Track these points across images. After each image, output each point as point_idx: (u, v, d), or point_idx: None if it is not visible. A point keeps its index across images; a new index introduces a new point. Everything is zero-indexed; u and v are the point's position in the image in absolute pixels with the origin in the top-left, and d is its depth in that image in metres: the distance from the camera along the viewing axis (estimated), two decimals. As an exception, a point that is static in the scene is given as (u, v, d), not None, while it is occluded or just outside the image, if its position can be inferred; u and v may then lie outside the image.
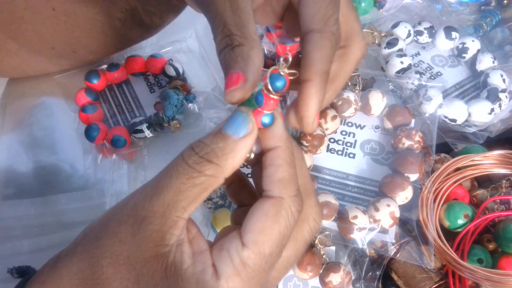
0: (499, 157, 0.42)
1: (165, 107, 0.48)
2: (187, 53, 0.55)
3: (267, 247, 0.23)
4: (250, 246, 0.22)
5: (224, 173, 0.23)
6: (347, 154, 0.43)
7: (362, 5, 0.54)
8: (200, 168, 0.22)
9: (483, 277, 0.36)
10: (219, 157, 0.23)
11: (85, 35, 0.44)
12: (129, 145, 0.49)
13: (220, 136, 0.23)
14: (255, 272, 0.23)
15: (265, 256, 0.23)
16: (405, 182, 0.38)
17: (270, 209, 0.23)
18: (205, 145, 0.23)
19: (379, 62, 0.51)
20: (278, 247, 0.23)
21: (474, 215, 0.39)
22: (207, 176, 0.22)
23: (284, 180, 0.23)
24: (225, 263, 0.22)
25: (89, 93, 0.50)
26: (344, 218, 0.37)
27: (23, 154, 0.50)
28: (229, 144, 0.23)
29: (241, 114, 0.23)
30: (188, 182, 0.22)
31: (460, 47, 0.50)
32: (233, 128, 0.23)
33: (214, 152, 0.23)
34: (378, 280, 0.39)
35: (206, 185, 0.23)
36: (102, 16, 0.42)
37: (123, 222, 0.23)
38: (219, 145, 0.23)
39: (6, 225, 0.44)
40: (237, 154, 0.23)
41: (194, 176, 0.22)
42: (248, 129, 0.23)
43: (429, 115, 0.44)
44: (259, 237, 0.23)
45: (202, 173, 0.22)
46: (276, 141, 0.24)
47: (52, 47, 0.45)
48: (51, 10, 0.41)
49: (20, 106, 0.53)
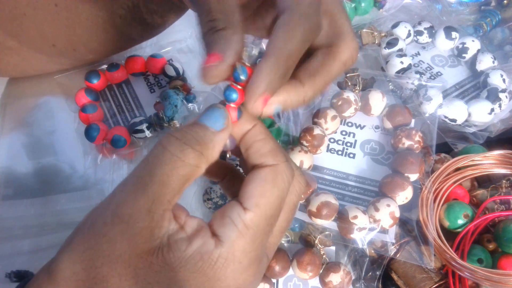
0: (499, 157, 0.42)
1: (165, 107, 0.48)
2: (187, 53, 0.55)
3: (268, 209, 0.24)
4: (252, 210, 0.23)
5: (206, 163, 0.23)
6: (347, 154, 0.43)
7: (362, 5, 0.54)
8: (184, 157, 0.22)
9: (483, 277, 0.36)
10: (201, 145, 0.23)
11: (86, 32, 0.44)
12: (129, 145, 0.49)
13: (199, 126, 0.24)
14: (258, 233, 0.23)
15: (267, 217, 0.24)
16: (405, 182, 0.38)
17: (267, 175, 0.24)
18: (186, 132, 0.23)
19: (379, 62, 0.51)
20: (277, 209, 0.24)
21: (474, 215, 0.39)
22: (190, 165, 0.23)
23: (274, 149, 0.25)
24: (229, 229, 0.23)
25: (89, 93, 0.50)
26: (344, 218, 0.37)
27: (23, 154, 0.50)
28: (208, 134, 0.23)
29: (218, 109, 0.24)
30: (172, 173, 0.22)
31: (460, 47, 0.50)
32: (212, 121, 0.24)
33: (195, 140, 0.23)
34: (378, 280, 0.39)
35: (189, 176, 0.23)
36: (103, 12, 0.42)
37: (109, 223, 0.23)
38: (200, 133, 0.23)
39: (6, 225, 0.44)
40: (215, 145, 0.24)
41: (178, 166, 0.22)
42: (225, 124, 0.24)
43: (429, 115, 0.44)
44: (260, 200, 0.23)
45: (185, 162, 0.22)
46: (252, 120, 0.25)
47: (52, 45, 0.45)
48: (54, 6, 0.41)
49: (20, 106, 0.53)
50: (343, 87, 0.45)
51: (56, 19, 0.42)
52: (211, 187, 0.44)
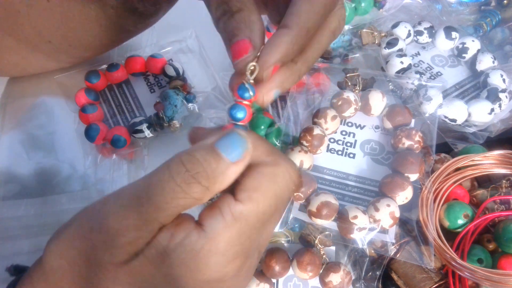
0: (499, 157, 0.41)
1: (165, 107, 0.48)
2: (187, 53, 0.55)
3: (262, 205, 0.22)
4: (243, 202, 0.22)
5: (210, 197, 0.22)
6: (347, 154, 0.43)
7: (362, 5, 0.54)
8: (188, 189, 0.21)
9: (483, 277, 0.36)
10: (209, 179, 0.21)
11: (80, 26, 0.44)
12: (129, 145, 0.49)
13: (214, 155, 0.21)
14: (247, 227, 0.22)
15: (258, 213, 0.22)
16: (405, 182, 0.38)
17: (266, 170, 0.23)
18: (197, 162, 0.21)
19: (379, 62, 0.51)
20: (272, 207, 0.23)
21: (474, 215, 0.39)
22: (193, 199, 0.21)
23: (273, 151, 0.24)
24: (215, 220, 0.22)
25: (89, 93, 0.50)
26: (344, 218, 0.37)
27: (23, 154, 0.50)
28: (221, 166, 0.21)
29: (240, 137, 0.22)
30: (172, 202, 0.21)
31: (460, 47, 0.50)
32: (229, 150, 0.22)
33: (205, 173, 0.21)
34: (378, 280, 0.39)
35: (188, 206, 0.22)
36: (95, 4, 0.42)
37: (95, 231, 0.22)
38: (212, 165, 0.21)
39: (6, 225, 0.44)
40: (225, 179, 0.22)
41: (179, 197, 0.21)
42: (242, 156, 0.22)
43: (429, 115, 0.44)
44: (254, 194, 0.22)
45: (188, 195, 0.21)
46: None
47: (48, 41, 0.45)
48: (46, 2, 0.41)
49: (20, 106, 0.53)
50: (343, 87, 0.45)
51: (50, 15, 0.42)
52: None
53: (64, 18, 0.43)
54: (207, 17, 0.28)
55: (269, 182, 0.22)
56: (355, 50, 0.53)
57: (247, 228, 0.22)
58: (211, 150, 0.22)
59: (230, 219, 0.22)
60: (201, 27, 0.56)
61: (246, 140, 0.22)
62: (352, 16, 0.55)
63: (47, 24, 0.44)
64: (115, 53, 0.54)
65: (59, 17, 0.43)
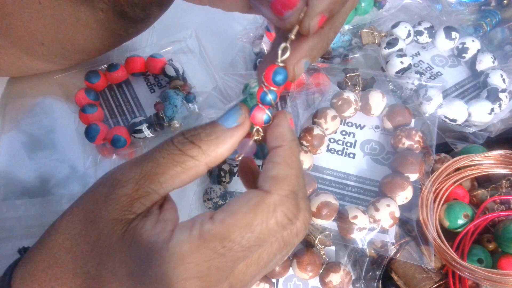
0: (499, 157, 0.42)
1: (165, 107, 0.48)
2: (187, 53, 0.55)
3: (232, 232, 0.21)
4: (215, 223, 0.21)
5: (206, 158, 0.23)
6: (347, 154, 0.43)
7: (362, 5, 0.54)
8: (182, 147, 0.23)
9: (483, 277, 0.36)
10: (202, 140, 0.23)
11: (71, 29, 0.44)
12: (129, 145, 0.49)
13: (210, 124, 0.24)
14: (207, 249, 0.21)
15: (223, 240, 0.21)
16: (405, 182, 0.38)
17: (252, 198, 0.22)
18: (194, 129, 0.24)
19: (379, 62, 0.51)
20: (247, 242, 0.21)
21: (474, 215, 0.39)
22: (188, 156, 0.23)
23: (278, 177, 0.22)
24: (182, 230, 0.22)
25: (89, 93, 0.50)
26: (344, 218, 0.37)
27: (23, 154, 0.50)
28: (215, 131, 0.23)
29: (234, 107, 0.24)
30: (169, 157, 0.23)
31: (460, 47, 0.50)
32: (224, 118, 0.24)
33: (199, 136, 0.23)
34: (378, 280, 0.39)
35: (186, 166, 0.23)
36: (85, 7, 0.42)
37: (101, 184, 0.24)
38: (206, 130, 0.24)
39: (6, 225, 0.44)
40: (221, 142, 0.23)
41: (175, 153, 0.23)
42: (238, 121, 0.24)
43: (429, 115, 0.44)
44: (227, 218, 0.21)
45: (183, 152, 0.23)
46: (280, 140, 0.24)
47: (42, 43, 0.45)
48: (38, 4, 0.42)
49: (20, 106, 0.53)
50: (343, 87, 0.45)
51: (42, 18, 0.43)
52: (211, 187, 0.44)
53: (55, 21, 0.43)
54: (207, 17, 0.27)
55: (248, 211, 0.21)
56: (355, 50, 0.53)
57: (207, 250, 0.21)
58: (210, 122, 0.24)
59: (196, 234, 0.21)
60: (201, 27, 0.56)
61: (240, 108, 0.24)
62: (352, 16, 0.55)
63: (39, 26, 0.44)
64: (115, 53, 0.54)
65: (51, 20, 0.43)
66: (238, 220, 0.21)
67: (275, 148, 0.24)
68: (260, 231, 0.21)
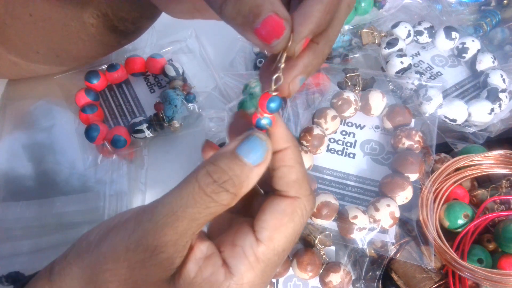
0: (499, 157, 0.41)
1: (165, 107, 0.48)
2: (187, 53, 0.56)
3: (282, 243, 0.23)
4: (265, 243, 0.23)
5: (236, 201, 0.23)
6: (347, 154, 0.43)
7: (362, 5, 0.54)
8: (217, 198, 0.22)
9: (483, 277, 0.36)
10: (236, 186, 0.22)
11: (63, 40, 0.44)
12: (129, 145, 0.49)
13: (237, 162, 0.22)
14: (268, 267, 0.23)
15: (279, 252, 0.23)
16: (405, 182, 0.38)
17: (287, 208, 0.23)
18: (223, 171, 0.22)
19: (379, 62, 0.51)
20: (291, 243, 0.24)
21: (474, 215, 0.39)
22: (223, 206, 0.22)
23: (299, 181, 0.24)
24: (239, 261, 0.23)
25: (89, 93, 0.50)
26: (344, 218, 0.37)
27: (23, 154, 0.50)
28: (245, 172, 0.22)
29: (260, 141, 0.22)
30: (204, 211, 0.22)
31: (460, 47, 0.50)
32: (250, 154, 0.22)
33: (232, 181, 0.22)
34: (378, 280, 0.39)
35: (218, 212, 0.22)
36: (75, 21, 0.42)
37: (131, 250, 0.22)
38: (236, 172, 0.22)
39: (6, 226, 0.44)
40: (250, 182, 0.22)
41: (211, 206, 0.22)
42: (264, 157, 0.22)
43: (429, 115, 0.44)
44: (274, 234, 0.23)
45: (218, 203, 0.22)
46: (285, 142, 0.24)
47: (36, 52, 0.46)
48: (29, 16, 0.42)
49: (20, 106, 0.53)
50: (343, 87, 0.45)
51: (34, 28, 0.43)
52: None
53: (47, 33, 0.43)
54: (207, 17, 0.27)
55: (288, 221, 0.23)
56: (355, 50, 0.53)
57: (268, 267, 0.23)
58: (234, 157, 0.22)
59: (254, 260, 0.23)
60: (201, 27, 0.56)
61: (265, 142, 0.22)
62: (352, 16, 0.55)
63: (32, 36, 0.44)
64: (115, 53, 0.54)
65: (43, 31, 0.43)
66: (283, 232, 0.23)
67: (282, 151, 0.24)
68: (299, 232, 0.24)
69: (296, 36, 0.21)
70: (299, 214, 0.24)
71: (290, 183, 0.24)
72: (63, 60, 0.48)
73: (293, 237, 0.24)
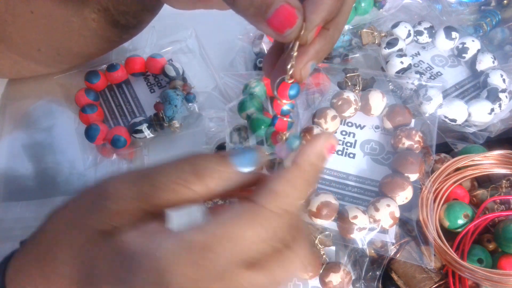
0: (499, 157, 0.41)
1: (165, 107, 0.48)
2: (187, 53, 0.56)
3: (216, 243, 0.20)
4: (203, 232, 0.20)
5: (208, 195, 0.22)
6: (347, 154, 0.43)
7: (362, 5, 0.54)
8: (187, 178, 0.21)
9: (483, 277, 0.36)
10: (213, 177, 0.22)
11: (65, 37, 0.44)
12: (129, 145, 0.49)
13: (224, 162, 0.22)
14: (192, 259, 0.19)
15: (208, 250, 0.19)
16: (405, 182, 0.38)
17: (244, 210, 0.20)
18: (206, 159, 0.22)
19: (379, 62, 0.51)
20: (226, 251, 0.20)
21: (474, 215, 0.39)
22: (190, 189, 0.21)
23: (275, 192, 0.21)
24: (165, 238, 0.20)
25: (89, 93, 0.50)
26: (344, 218, 0.37)
27: (23, 154, 0.50)
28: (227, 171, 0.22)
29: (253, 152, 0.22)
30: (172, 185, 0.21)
31: (460, 47, 0.50)
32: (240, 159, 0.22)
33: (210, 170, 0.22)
34: (378, 280, 0.39)
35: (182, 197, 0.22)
36: (76, 17, 0.42)
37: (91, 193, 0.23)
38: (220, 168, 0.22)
39: (5, 226, 0.44)
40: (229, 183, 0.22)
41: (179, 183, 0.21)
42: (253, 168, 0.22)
43: (429, 115, 0.44)
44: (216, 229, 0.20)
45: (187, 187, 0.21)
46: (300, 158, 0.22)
47: (38, 50, 0.46)
48: (30, 13, 0.42)
49: (20, 106, 0.53)
50: (343, 87, 0.45)
51: (35, 26, 0.43)
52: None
53: (48, 29, 0.43)
54: (207, 17, 0.27)
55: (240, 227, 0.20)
56: (355, 50, 0.53)
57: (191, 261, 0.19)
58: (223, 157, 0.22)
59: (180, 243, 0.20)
60: (201, 27, 0.56)
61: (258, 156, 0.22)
62: (352, 16, 0.55)
63: (33, 34, 0.44)
64: (115, 53, 0.54)
65: (44, 28, 0.43)
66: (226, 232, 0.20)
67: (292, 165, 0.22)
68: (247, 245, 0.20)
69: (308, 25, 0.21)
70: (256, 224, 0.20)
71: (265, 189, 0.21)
72: (64, 58, 0.48)
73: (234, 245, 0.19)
